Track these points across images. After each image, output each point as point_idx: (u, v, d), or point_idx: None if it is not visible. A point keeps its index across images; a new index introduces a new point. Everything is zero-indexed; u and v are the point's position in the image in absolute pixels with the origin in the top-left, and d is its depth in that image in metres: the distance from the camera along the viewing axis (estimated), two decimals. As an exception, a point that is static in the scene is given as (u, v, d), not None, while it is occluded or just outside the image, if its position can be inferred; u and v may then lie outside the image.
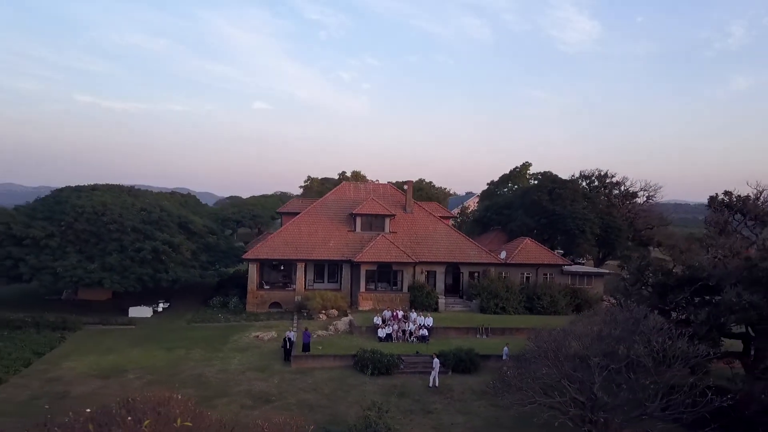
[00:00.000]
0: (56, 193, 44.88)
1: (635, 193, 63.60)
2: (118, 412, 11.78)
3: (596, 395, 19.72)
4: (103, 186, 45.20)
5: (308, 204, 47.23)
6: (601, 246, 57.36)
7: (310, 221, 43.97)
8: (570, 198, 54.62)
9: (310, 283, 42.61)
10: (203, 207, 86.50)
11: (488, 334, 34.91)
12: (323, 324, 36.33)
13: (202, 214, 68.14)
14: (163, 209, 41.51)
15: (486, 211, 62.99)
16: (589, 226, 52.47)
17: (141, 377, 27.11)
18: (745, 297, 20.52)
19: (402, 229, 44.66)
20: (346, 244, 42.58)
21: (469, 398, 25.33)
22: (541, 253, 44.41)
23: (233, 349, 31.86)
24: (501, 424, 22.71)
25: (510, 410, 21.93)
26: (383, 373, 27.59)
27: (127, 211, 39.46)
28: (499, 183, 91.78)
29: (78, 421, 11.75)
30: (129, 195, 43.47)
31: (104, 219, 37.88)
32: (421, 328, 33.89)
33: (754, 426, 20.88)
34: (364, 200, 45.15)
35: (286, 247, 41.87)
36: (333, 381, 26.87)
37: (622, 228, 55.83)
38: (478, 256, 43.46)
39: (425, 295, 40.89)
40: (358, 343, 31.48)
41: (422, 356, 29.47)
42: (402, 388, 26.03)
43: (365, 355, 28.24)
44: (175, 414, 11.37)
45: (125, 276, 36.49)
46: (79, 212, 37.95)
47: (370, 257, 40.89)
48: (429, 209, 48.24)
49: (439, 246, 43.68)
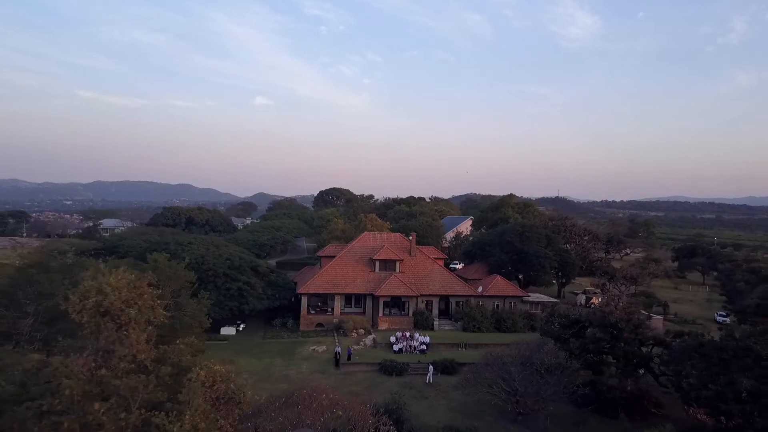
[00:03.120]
0: (159, 241, 62.06)
1: (588, 230, 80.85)
2: (298, 397, 28.81)
3: (516, 387, 37.09)
4: (197, 241, 62.47)
5: (341, 249, 64.58)
6: (560, 275, 74.69)
7: (343, 264, 61.30)
8: (535, 239, 71.84)
9: (343, 309, 59.93)
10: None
11: (467, 347, 52.18)
12: (355, 340, 53.64)
13: (246, 243, 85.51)
14: (241, 257, 58.81)
15: (472, 247, 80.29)
16: (548, 262, 69.76)
17: (250, 378, 44.28)
18: (597, 334, 37.76)
19: (408, 269, 61.95)
20: (369, 281, 59.93)
21: (450, 390, 42.56)
22: (507, 287, 61.79)
23: (300, 358, 49.16)
24: (466, 404, 39.99)
25: (472, 397, 39.14)
26: (398, 375, 44.91)
27: (217, 260, 56.67)
28: (488, 210, 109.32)
29: (272, 404, 28.59)
30: (214, 246, 60.54)
31: (204, 267, 55.10)
32: (421, 344, 51.26)
33: (614, 404, 38.10)
34: (381, 247, 62.46)
35: (327, 284, 59.26)
36: (367, 380, 44.14)
37: (575, 262, 73.13)
38: (462, 289, 60.82)
39: (425, 318, 58.29)
40: (381, 354, 48.83)
41: (422, 363, 46.71)
42: (410, 383, 43.30)
43: (386, 363, 45.58)
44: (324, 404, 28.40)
45: (221, 308, 53.71)
46: (188, 263, 55.13)
47: (386, 291, 58.23)
48: (427, 252, 65.60)
49: (434, 282, 61.02)
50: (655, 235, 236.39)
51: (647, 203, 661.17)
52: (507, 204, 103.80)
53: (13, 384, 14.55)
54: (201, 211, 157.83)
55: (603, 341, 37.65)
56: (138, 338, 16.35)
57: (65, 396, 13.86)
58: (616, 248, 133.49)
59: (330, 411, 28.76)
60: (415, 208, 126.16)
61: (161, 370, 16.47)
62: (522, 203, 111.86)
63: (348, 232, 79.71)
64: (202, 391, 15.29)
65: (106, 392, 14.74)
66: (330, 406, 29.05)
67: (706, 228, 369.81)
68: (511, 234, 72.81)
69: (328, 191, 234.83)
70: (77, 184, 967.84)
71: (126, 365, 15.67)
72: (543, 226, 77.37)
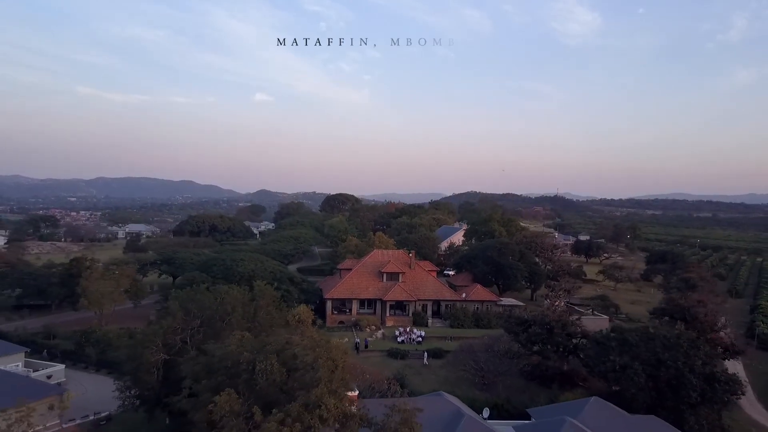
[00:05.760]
0: (216, 257, 79.91)
1: (556, 245, 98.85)
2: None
3: (482, 366, 55.08)
4: (246, 257, 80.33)
5: (356, 263, 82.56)
6: (531, 283, 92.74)
7: (358, 275, 79.21)
8: (510, 254, 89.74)
9: (359, 310, 77.81)
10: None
11: (452, 339, 70.01)
12: (368, 334, 71.45)
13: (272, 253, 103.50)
14: (281, 270, 76.67)
15: (461, 259, 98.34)
16: (520, 273, 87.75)
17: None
18: (537, 330, 55.62)
19: (408, 279, 79.86)
20: (378, 289, 77.84)
21: (437, 369, 60.45)
22: (485, 294, 79.83)
23: (329, 347, 66.99)
24: (448, 378, 57.92)
25: (453, 373, 57.12)
26: (401, 358, 62.76)
27: (263, 273, 74.40)
28: (478, 223, 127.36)
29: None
30: (260, 261, 78.24)
31: (255, 279, 72.82)
32: (418, 337, 69.20)
33: (552, 378, 55.86)
34: (387, 262, 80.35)
35: (346, 291, 77.25)
36: (380, 361, 61.96)
37: (542, 273, 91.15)
38: (450, 295, 78.85)
39: (421, 318, 76.27)
40: (388, 344, 66.70)
41: (419, 351, 64.53)
42: (410, 365, 61.18)
43: (393, 350, 63.53)
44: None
45: (269, 309, 71.51)
46: (241, 273, 73.03)
47: (392, 297, 76.12)
48: (423, 266, 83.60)
49: (429, 290, 78.97)
50: (641, 238, 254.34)
51: (646, 201, 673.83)
52: (493, 219, 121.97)
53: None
54: (222, 219, 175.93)
55: (542, 335, 55.50)
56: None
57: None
58: (595, 254, 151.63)
59: (361, 376, 46.74)
60: (415, 219, 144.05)
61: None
62: (506, 218, 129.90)
63: (360, 247, 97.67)
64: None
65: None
66: (361, 374, 47.09)
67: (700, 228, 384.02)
68: (491, 250, 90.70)
69: (334, 197, 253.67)
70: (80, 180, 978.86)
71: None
72: (518, 242, 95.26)
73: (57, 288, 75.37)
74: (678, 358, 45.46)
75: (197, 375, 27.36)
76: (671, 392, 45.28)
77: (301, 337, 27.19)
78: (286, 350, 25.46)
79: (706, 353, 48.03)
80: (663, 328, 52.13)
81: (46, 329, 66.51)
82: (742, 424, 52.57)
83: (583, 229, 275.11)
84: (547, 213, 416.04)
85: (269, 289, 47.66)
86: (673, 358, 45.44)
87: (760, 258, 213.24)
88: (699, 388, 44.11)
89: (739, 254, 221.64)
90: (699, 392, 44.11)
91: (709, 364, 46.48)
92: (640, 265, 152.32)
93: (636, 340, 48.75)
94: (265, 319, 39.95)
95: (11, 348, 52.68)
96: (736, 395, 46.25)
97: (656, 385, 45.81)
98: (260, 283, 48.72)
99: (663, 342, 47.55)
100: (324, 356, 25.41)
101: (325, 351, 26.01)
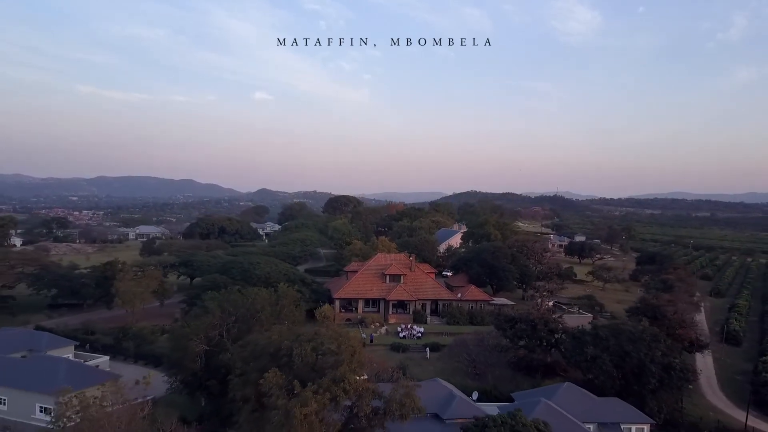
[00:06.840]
0: (231, 260, 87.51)
1: (546, 249, 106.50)
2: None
3: (474, 358, 62.77)
4: (263, 261, 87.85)
5: (361, 266, 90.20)
6: (522, 284, 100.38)
7: (363, 277, 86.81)
8: (503, 257, 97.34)
9: (364, 309, 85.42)
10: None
11: (448, 335, 77.63)
12: (374, 330, 79.04)
13: (282, 255, 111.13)
14: (294, 272, 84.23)
15: (458, 261, 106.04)
16: (511, 274, 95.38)
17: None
18: (522, 326, 63.20)
19: (409, 281, 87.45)
20: (382, 289, 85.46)
21: (435, 360, 68.01)
22: (479, 294, 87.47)
23: (338, 341, 74.64)
24: (444, 369, 65.47)
25: (448, 365, 64.68)
26: (403, 351, 70.31)
27: (278, 275, 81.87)
28: (475, 227, 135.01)
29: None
30: (275, 264, 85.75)
31: (270, 280, 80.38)
32: (418, 333, 76.85)
33: (536, 369, 63.45)
34: (390, 265, 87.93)
35: (353, 291, 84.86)
36: (384, 354, 69.45)
37: (532, 275, 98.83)
38: (446, 295, 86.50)
39: (420, 315, 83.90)
40: (391, 339, 74.33)
41: (418, 345, 72.10)
42: (411, 357, 68.72)
43: (395, 344, 71.17)
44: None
45: (283, 308, 79.14)
46: (258, 275, 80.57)
47: (394, 297, 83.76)
48: (423, 268, 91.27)
49: (427, 290, 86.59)
50: (636, 239, 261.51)
51: (645, 201, 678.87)
52: (489, 223, 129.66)
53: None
54: (231, 222, 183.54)
55: (527, 331, 63.11)
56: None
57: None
58: (588, 255, 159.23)
59: (369, 366, 54.39)
60: (415, 222, 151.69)
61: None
62: (501, 222, 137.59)
63: (364, 250, 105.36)
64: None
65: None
66: (369, 363, 54.77)
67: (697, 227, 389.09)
68: (486, 253, 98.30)
69: (336, 198, 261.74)
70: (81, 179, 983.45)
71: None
72: (511, 246, 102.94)
73: (92, 288, 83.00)
74: (641, 350, 53.08)
75: (246, 359, 34.97)
76: (635, 379, 52.94)
77: (327, 330, 34.81)
78: (316, 339, 33.06)
79: (667, 346, 55.60)
80: (630, 324, 59.43)
81: (84, 326, 74.15)
82: (703, 409, 60.31)
83: (580, 230, 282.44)
84: (546, 213, 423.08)
85: (291, 291, 55.21)
86: (637, 350, 53.07)
87: (750, 258, 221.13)
88: (658, 376, 51.77)
89: (731, 254, 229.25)
90: (658, 379, 51.78)
91: (669, 356, 54.07)
92: (631, 266, 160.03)
93: (606, 335, 56.32)
94: (288, 316, 47.59)
95: (62, 341, 60.25)
96: (689, 382, 53.93)
97: (622, 373, 53.43)
98: (283, 286, 56.27)
99: (629, 336, 55.11)
100: (345, 344, 33.06)
101: (345, 340, 33.66)
